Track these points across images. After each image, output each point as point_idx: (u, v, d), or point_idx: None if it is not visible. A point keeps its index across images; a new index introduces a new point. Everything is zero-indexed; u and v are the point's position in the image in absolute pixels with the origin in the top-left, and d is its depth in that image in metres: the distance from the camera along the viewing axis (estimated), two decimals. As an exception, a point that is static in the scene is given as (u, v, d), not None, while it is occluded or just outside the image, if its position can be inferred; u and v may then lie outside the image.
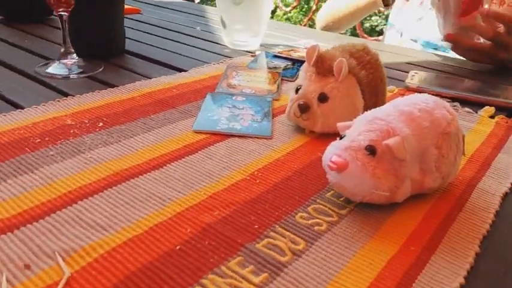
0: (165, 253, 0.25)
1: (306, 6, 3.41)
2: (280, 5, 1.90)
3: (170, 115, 0.44)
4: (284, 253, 0.26)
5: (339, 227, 0.29)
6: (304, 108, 0.40)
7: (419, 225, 0.30)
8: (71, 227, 0.27)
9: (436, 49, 0.93)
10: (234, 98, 0.50)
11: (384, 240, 0.28)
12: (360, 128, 0.30)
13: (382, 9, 1.03)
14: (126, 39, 0.68)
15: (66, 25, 0.54)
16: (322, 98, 0.39)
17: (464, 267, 0.26)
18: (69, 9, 0.53)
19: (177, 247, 0.26)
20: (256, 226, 0.28)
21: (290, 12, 2.91)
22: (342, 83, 0.39)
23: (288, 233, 0.28)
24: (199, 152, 0.38)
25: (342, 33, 1.17)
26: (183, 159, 0.36)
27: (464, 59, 0.80)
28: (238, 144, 0.40)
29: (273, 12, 3.28)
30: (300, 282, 0.24)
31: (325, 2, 1.20)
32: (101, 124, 0.41)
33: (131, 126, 0.41)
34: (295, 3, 1.83)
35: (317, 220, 0.30)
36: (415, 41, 0.98)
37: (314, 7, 1.84)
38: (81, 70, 0.56)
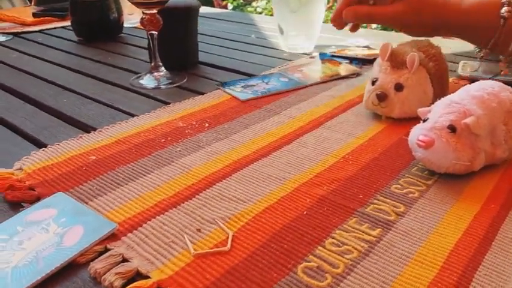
0: (297, 217, 0.33)
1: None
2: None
3: (258, 114, 0.52)
4: (389, 214, 0.33)
5: (429, 193, 0.36)
6: (382, 97, 0.47)
7: (495, 188, 0.36)
8: (218, 201, 0.35)
9: None
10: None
11: (468, 201, 0.35)
12: (440, 111, 0.37)
13: None
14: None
15: (155, 42, 0.63)
16: (398, 87, 0.46)
17: (539, 218, 0.32)
18: (159, 29, 0.62)
19: (304, 212, 0.33)
20: (361, 196, 0.35)
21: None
22: (415, 74, 0.46)
23: (388, 200, 0.35)
24: (293, 142, 0.45)
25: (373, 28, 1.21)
26: (283, 148, 0.43)
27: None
28: (324, 134, 0.47)
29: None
30: (408, 233, 0.31)
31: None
32: (207, 125, 0.49)
33: (232, 125, 0.49)
34: (329, 4, 1.89)
35: (409, 189, 0.36)
36: None
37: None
38: (169, 81, 0.64)
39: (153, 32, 0.62)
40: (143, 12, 0.61)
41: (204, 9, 1.33)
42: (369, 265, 0.28)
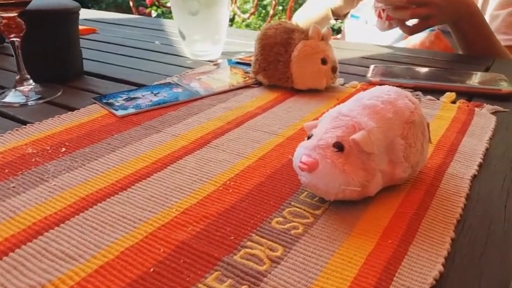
0: (139, 277, 0.24)
1: (263, 11, 3.44)
2: (238, 12, 1.90)
3: (135, 132, 0.43)
4: (262, 262, 0.26)
5: (316, 228, 0.29)
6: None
7: (394, 217, 0.30)
8: (37, 260, 0.26)
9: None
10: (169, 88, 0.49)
11: (361, 236, 0.28)
12: (326, 126, 0.30)
13: (332, 21, 1.03)
14: (84, 60, 0.66)
15: (20, 51, 0.52)
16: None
17: (441, 255, 0.26)
18: (21, 35, 0.52)
19: (151, 269, 0.25)
20: (232, 237, 0.28)
21: (249, 19, 2.92)
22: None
23: (265, 241, 0.28)
24: (167, 167, 0.37)
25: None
26: (151, 176, 0.35)
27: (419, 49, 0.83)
28: (208, 155, 0.39)
29: (232, 20, 3.29)
30: (281, 289, 0.24)
31: (281, 6, 1.22)
32: (63, 149, 0.40)
33: (95, 148, 0.40)
34: (252, 10, 1.84)
35: (293, 223, 0.29)
36: None
37: (271, 12, 1.85)
38: (39, 96, 0.54)
39: (15, 39, 0.52)
40: (0, 16, 0.50)
41: (108, 15, 1.23)
42: None
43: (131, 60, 0.73)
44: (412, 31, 0.78)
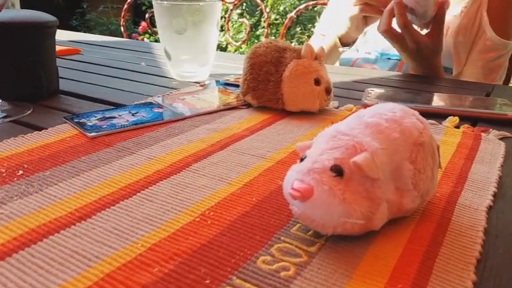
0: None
1: (256, 41, 3.46)
2: (231, 40, 1.89)
3: (105, 154, 0.38)
4: (244, 313, 0.21)
5: (310, 270, 0.24)
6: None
7: (403, 255, 0.25)
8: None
9: (389, 58, 0.95)
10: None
11: (365, 279, 0.23)
12: (322, 146, 0.25)
13: (341, 49, 1.01)
14: (63, 80, 0.62)
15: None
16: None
17: (465, 304, 0.21)
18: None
19: (103, 322, 0.20)
20: (207, 281, 0.23)
21: (241, 47, 2.93)
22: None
23: (248, 285, 0.22)
24: (137, 194, 0.32)
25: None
26: (116, 205, 0.30)
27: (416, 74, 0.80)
28: (186, 180, 0.34)
29: (225, 48, 3.30)
30: None
31: (273, 36, 1.20)
32: (20, 172, 0.34)
33: (57, 171, 0.35)
34: (245, 38, 1.82)
35: (283, 263, 0.24)
36: (369, 53, 0.98)
37: (263, 40, 1.83)
38: (4, 114, 0.49)
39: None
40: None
41: (96, 37, 1.20)
42: None
43: (113, 80, 0.68)
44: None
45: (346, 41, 0.96)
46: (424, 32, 0.76)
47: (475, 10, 0.90)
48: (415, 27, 0.75)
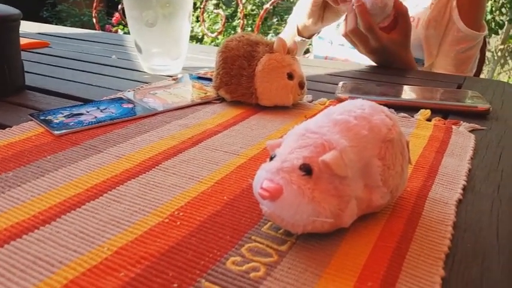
0: None
1: (232, 32, 3.43)
2: (207, 32, 1.87)
3: (72, 153, 0.37)
4: (211, 317, 0.20)
5: (280, 269, 0.23)
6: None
7: (373, 252, 0.25)
8: None
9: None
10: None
11: (335, 278, 0.23)
12: (291, 145, 0.25)
13: (297, 38, 1.00)
14: (29, 74, 0.60)
15: None
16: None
17: (432, 300, 0.22)
18: None
19: (64, 332, 0.19)
20: (175, 285, 0.22)
21: (218, 39, 2.90)
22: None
23: (216, 287, 0.22)
24: (104, 195, 0.31)
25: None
26: (82, 206, 0.29)
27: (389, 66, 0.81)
28: (156, 179, 0.33)
29: (201, 40, 3.26)
30: None
31: (250, 27, 1.19)
32: (-21, 174, 0.33)
33: (21, 172, 0.34)
34: (220, 29, 1.80)
35: (253, 263, 0.24)
36: (343, 45, 0.98)
37: (239, 31, 1.82)
38: (-35, 112, 0.47)
39: None
40: None
41: (65, 29, 1.16)
42: None
43: (82, 75, 0.66)
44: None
45: (302, 34, 0.97)
46: (385, 23, 0.77)
47: (445, 2, 0.90)
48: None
